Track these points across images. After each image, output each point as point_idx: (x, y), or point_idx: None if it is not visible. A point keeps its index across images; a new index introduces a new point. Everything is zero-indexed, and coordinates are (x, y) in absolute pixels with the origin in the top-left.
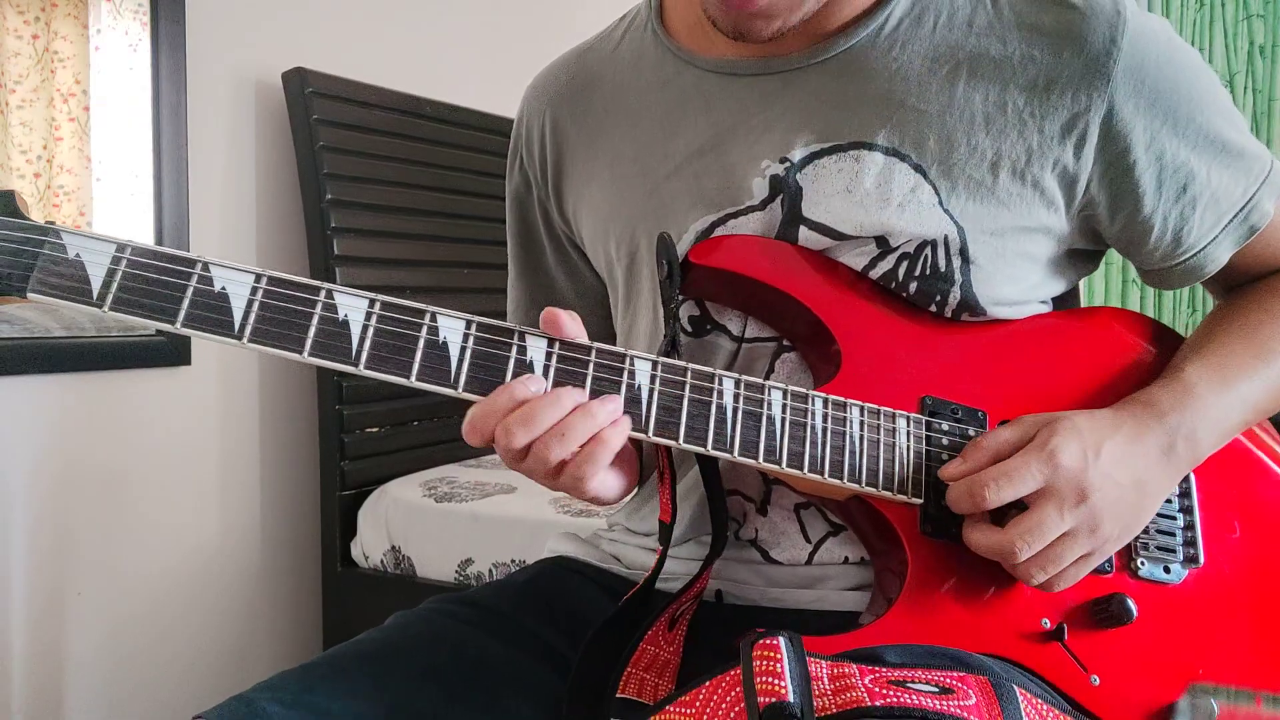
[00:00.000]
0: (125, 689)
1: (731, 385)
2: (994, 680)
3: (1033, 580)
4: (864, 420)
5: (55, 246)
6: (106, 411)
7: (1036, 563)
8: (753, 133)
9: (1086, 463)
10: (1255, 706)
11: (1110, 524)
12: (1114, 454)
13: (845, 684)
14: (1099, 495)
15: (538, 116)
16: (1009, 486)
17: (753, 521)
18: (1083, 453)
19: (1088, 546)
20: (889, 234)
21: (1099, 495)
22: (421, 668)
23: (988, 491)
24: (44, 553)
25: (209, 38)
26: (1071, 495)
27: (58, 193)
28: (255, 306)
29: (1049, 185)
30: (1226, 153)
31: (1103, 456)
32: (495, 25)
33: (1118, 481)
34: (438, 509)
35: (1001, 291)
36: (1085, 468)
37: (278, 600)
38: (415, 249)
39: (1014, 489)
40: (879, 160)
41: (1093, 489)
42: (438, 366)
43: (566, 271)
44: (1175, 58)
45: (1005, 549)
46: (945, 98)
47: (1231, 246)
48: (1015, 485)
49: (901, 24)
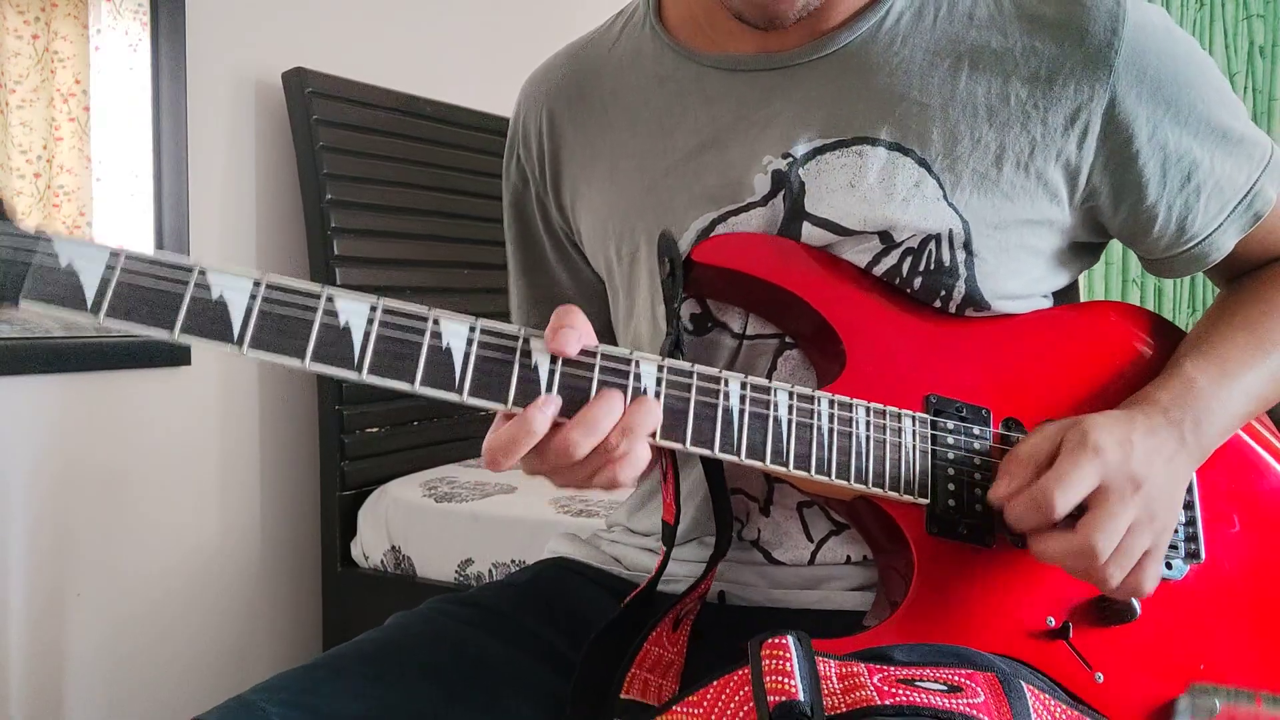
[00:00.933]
0: (125, 689)
1: (737, 387)
2: (1002, 678)
3: (1112, 582)
4: (870, 420)
5: (47, 254)
6: (106, 411)
7: (1115, 560)
8: (754, 128)
9: (1126, 453)
10: (1255, 706)
11: (1163, 512)
12: (1142, 445)
13: (854, 683)
14: (1150, 484)
15: (535, 113)
16: (1072, 489)
17: (755, 521)
18: (1119, 444)
19: (1150, 538)
20: (893, 228)
21: (1150, 484)
22: (421, 668)
23: (1055, 499)
24: (44, 553)
25: (209, 38)
26: (1128, 485)
27: (58, 193)
28: (254, 313)
29: (1053, 177)
30: (1228, 140)
31: (1136, 447)
32: (495, 25)
33: (1157, 468)
34: (438, 509)
35: (1005, 285)
36: (1128, 457)
37: (278, 600)
38: (415, 249)
39: (1077, 490)
40: (882, 155)
41: (1142, 477)
42: (442, 373)
43: (566, 268)
44: (1176, 47)
45: (1085, 550)
46: (948, 91)
47: (1236, 234)
48: (1077, 485)
49: (902, 18)
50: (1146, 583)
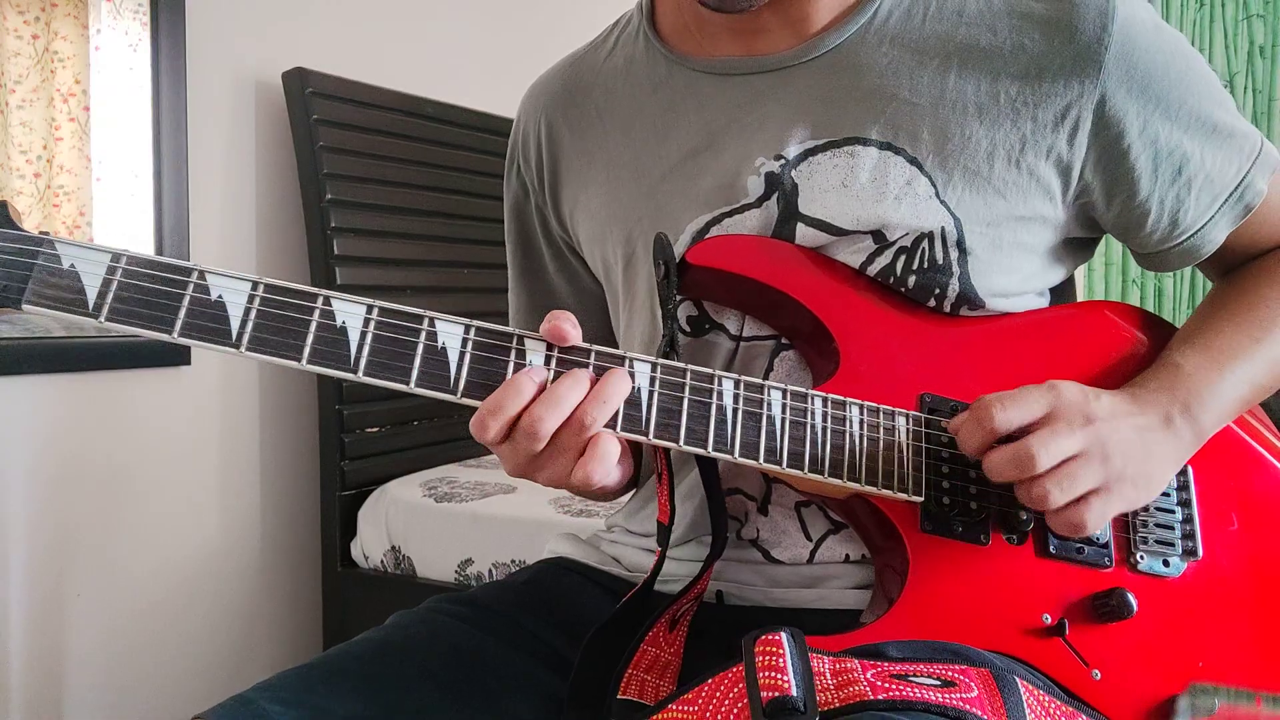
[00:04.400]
0: (125, 689)
1: (731, 386)
2: (996, 673)
3: (1050, 500)
4: (863, 419)
5: (50, 257)
6: (106, 411)
7: (1052, 478)
8: (746, 131)
9: (1086, 396)
10: (1255, 706)
11: (1120, 459)
12: (1114, 403)
13: (848, 678)
14: (1105, 425)
15: (533, 124)
16: (1014, 407)
17: (754, 521)
18: (1081, 391)
19: (1101, 475)
20: (885, 227)
21: (1105, 425)
22: (421, 668)
23: (994, 410)
24: (44, 553)
25: (209, 38)
26: (1078, 417)
27: (58, 193)
28: (252, 315)
29: (1044, 173)
30: (1218, 133)
31: (1103, 399)
32: (495, 26)
33: (1120, 423)
34: (438, 509)
35: (999, 282)
36: (1086, 400)
37: (278, 600)
38: (415, 249)
39: (1018, 409)
40: (874, 154)
41: (1097, 417)
42: (437, 372)
43: (565, 277)
44: (1165, 43)
45: (1022, 456)
46: (937, 89)
47: (1228, 226)
48: (1020, 405)
49: (891, 17)
50: (1089, 519)
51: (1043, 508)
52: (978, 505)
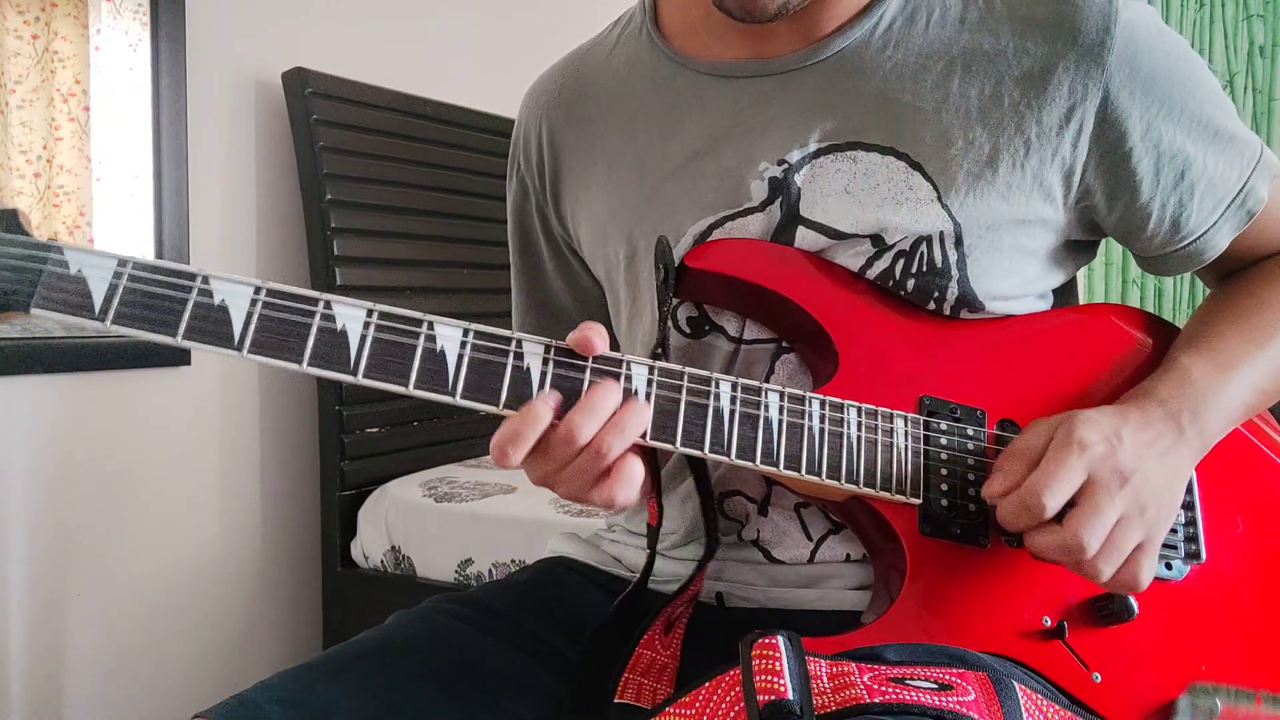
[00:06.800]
0: (125, 689)
1: (728, 388)
2: (994, 677)
3: (1103, 577)
4: (861, 421)
5: (58, 263)
6: (107, 412)
7: (1103, 555)
8: (749, 135)
9: (1113, 447)
10: (1255, 706)
11: (1154, 505)
12: (1133, 439)
13: (844, 682)
14: (1138, 476)
15: (534, 124)
16: (1059, 487)
17: (754, 522)
18: (1106, 439)
19: (1142, 532)
20: (884, 231)
21: (1138, 476)
22: (421, 668)
23: (1044, 498)
24: (44, 553)
25: (209, 38)
26: (1114, 479)
27: (58, 193)
28: (254, 319)
29: (1049, 178)
30: (1220, 138)
31: (1125, 441)
32: (495, 26)
33: (1148, 463)
34: (438, 509)
35: (999, 285)
36: (1114, 451)
37: (278, 600)
38: (415, 249)
39: (1063, 488)
40: (876, 159)
41: (1130, 470)
42: (435, 375)
43: (566, 278)
44: (1168, 46)
45: (1072, 544)
46: (940, 94)
47: (1231, 232)
48: (1063, 483)
49: (895, 23)
50: (1141, 576)
51: (1100, 584)
52: (976, 508)
